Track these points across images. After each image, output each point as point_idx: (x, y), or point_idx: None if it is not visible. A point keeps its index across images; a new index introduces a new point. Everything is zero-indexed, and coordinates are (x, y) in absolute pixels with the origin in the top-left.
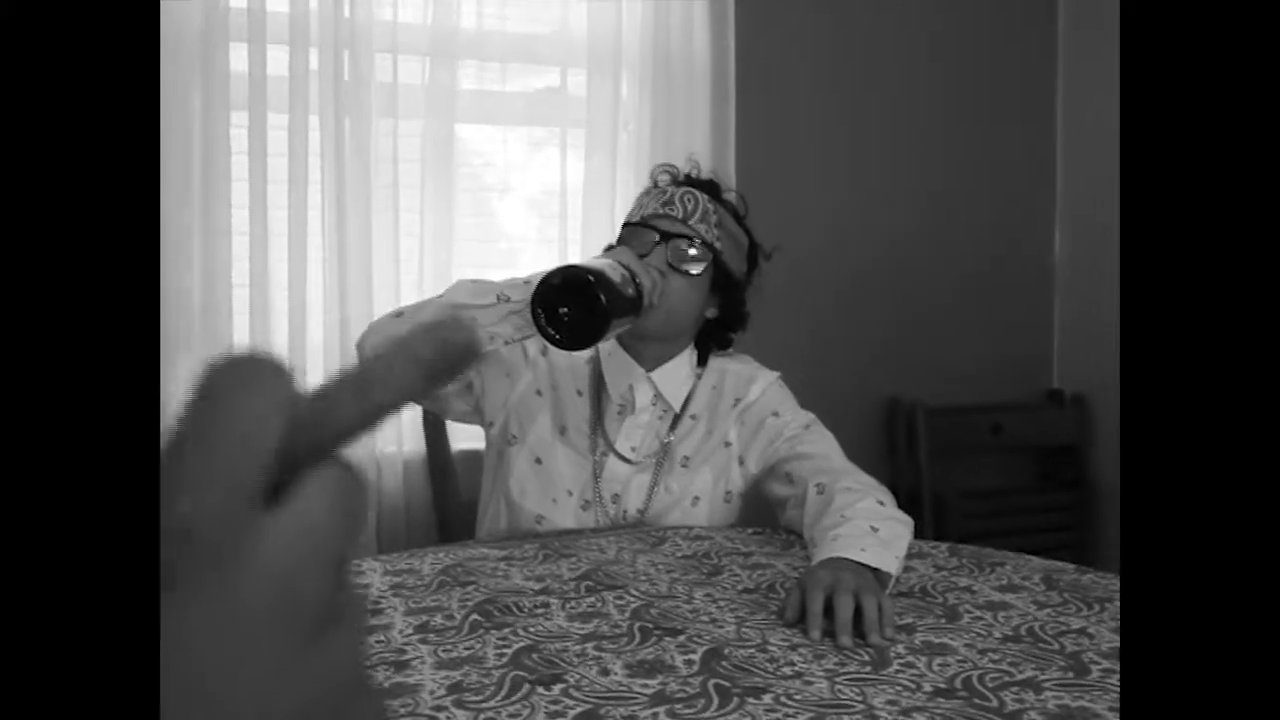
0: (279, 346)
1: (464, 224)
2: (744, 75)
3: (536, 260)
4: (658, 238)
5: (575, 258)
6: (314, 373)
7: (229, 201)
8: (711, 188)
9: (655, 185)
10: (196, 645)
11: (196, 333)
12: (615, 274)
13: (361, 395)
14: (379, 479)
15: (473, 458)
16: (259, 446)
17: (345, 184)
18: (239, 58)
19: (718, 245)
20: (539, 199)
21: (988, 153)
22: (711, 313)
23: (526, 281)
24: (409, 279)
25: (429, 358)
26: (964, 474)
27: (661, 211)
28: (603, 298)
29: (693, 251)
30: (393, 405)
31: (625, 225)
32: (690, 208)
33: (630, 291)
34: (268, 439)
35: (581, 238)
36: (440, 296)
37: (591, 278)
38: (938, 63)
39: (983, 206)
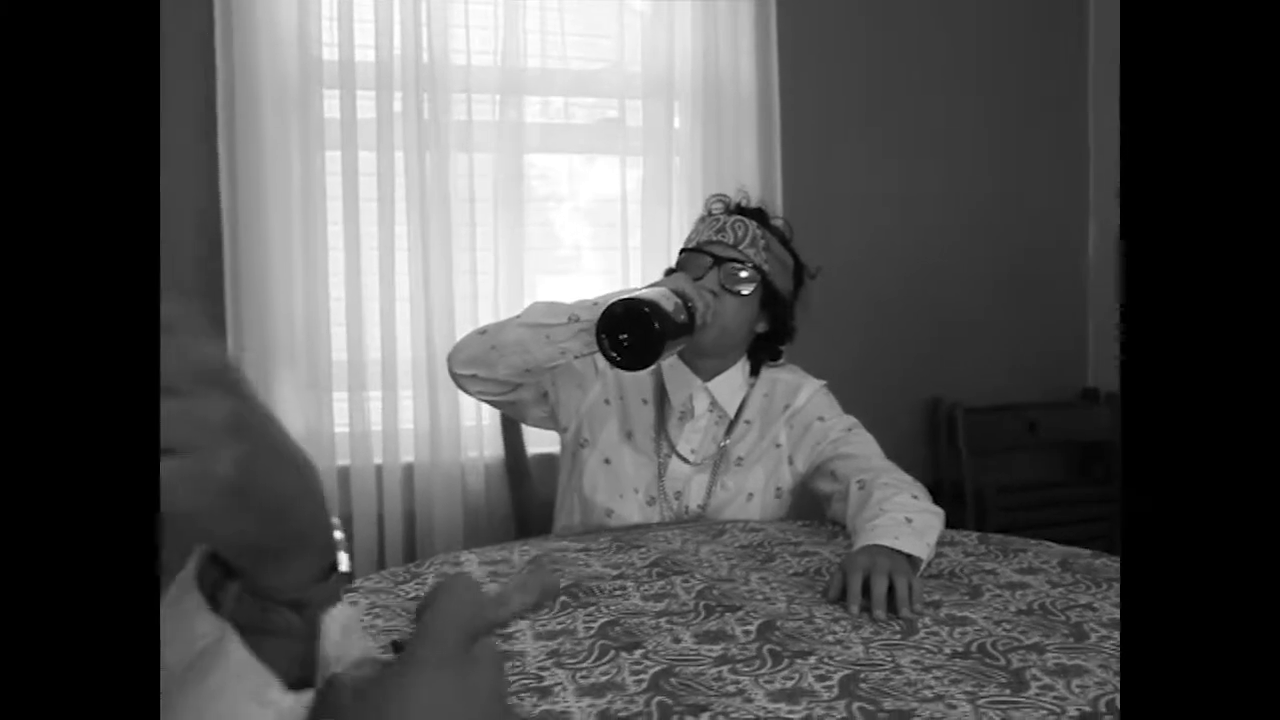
0: (372, 360)
1: (533, 238)
2: (788, 101)
3: (599, 266)
4: (711, 262)
5: (634, 265)
6: (404, 379)
7: (325, 225)
8: (760, 215)
9: (709, 214)
10: (446, 697)
11: (300, 344)
12: (669, 303)
13: (500, 608)
14: (464, 481)
15: (546, 461)
16: (472, 620)
17: (428, 209)
18: (332, 103)
19: (765, 267)
20: (601, 215)
21: (1021, 163)
22: (761, 328)
23: (595, 303)
24: (485, 289)
25: (538, 594)
26: (1002, 469)
27: (715, 238)
28: (657, 325)
29: (743, 274)
30: (519, 614)
31: (682, 251)
32: (740, 234)
33: (683, 317)
34: (474, 616)
35: (641, 243)
36: (518, 316)
37: (647, 308)
38: (971, 79)
39: (1017, 216)
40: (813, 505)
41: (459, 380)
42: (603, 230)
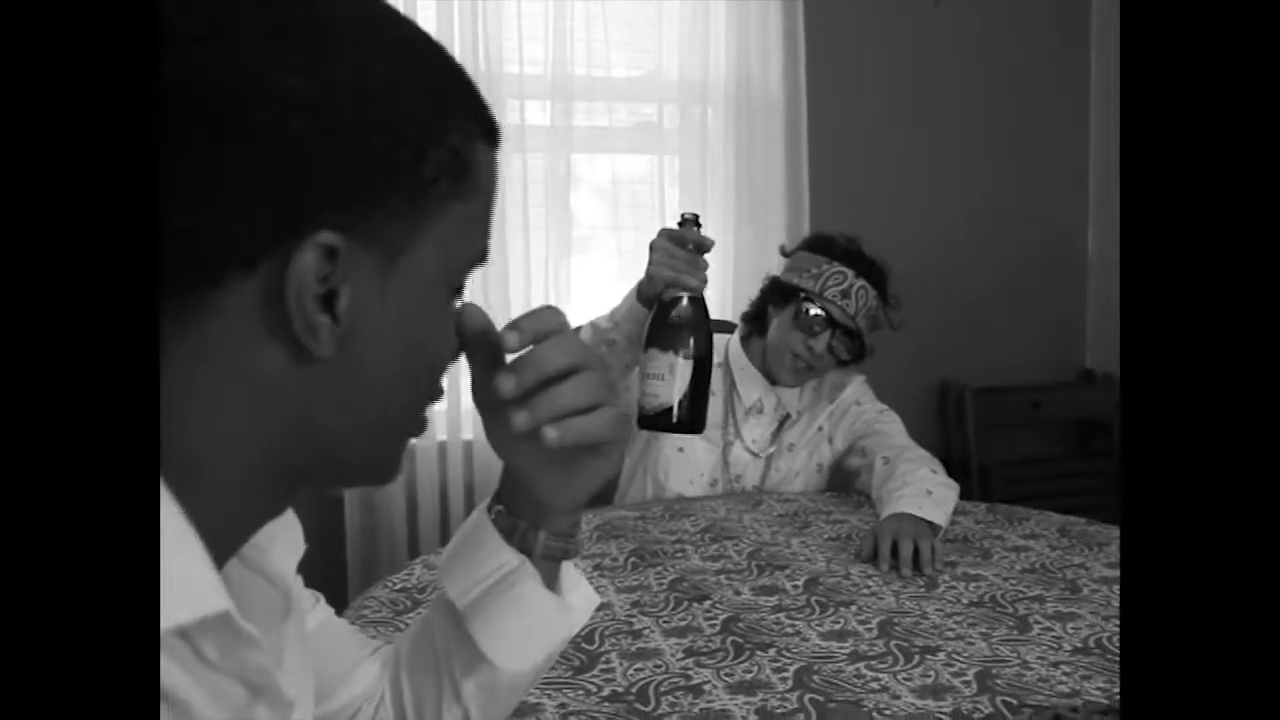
0: None
1: (577, 226)
2: (814, 104)
3: (637, 246)
4: (831, 326)
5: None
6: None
7: None
8: (880, 279)
9: (832, 261)
10: None
11: None
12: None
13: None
14: None
15: None
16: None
17: None
18: None
19: (865, 333)
20: (639, 203)
21: (1025, 161)
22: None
23: (611, 313)
24: (537, 273)
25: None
26: (1007, 446)
27: (839, 303)
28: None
29: (852, 345)
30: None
31: (801, 291)
32: (861, 304)
33: (685, 395)
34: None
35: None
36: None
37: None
38: (980, 83)
39: (1021, 212)
40: (842, 480)
41: None
42: (641, 213)
